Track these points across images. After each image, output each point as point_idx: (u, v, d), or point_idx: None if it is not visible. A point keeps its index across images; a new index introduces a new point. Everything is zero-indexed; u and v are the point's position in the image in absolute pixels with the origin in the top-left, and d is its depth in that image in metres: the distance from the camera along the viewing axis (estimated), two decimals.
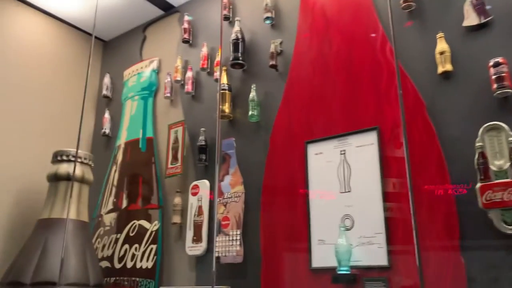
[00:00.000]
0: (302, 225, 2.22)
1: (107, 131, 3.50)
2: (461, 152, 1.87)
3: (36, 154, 3.16)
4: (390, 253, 1.91)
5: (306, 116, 2.39)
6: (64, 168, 2.77)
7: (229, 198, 2.54)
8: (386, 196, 1.99)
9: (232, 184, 2.56)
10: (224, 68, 2.77)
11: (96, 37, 3.86)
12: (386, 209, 1.98)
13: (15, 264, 2.53)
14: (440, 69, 2.00)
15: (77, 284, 2.48)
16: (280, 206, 2.34)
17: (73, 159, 2.79)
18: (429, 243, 1.82)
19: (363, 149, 2.12)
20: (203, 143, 2.77)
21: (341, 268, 1.97)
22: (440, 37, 2.03)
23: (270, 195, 2.40)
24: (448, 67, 1.98)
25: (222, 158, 2.64)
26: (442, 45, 2.01)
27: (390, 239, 1.93)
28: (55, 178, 2.75)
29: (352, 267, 1.97)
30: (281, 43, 2.62)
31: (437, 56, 2.02)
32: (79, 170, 2.79)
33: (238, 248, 2.40)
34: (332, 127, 2.26)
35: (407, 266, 1.86)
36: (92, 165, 2.94)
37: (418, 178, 1.90)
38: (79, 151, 2.85)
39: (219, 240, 2.48)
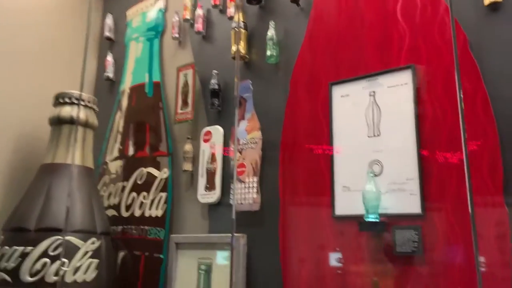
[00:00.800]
0: (325, 171, 2.07)
1: (111, 75, 3.29)
2: (511, 96, 1.69)
3: (36, 97, 2.96)
4: (424, 200, 1.77)
5: (331, 56, 2.19)
6: (67, 111, 2.59)
7: (245, 144, 2.38)
8: (421, 140, 1.83)
9: (248, 130, 2.40)
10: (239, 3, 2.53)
11: None
12: (420, 153, 1.82)
13: (17, 210, 2.41)
14: (488, 0, 1.79)
15: (83, 231, 2.37)
16: (300, 152, 2.18)
17: (76, 101, 2.62)
18: None
19: (396, 90, 1.94)
20: (216, 86, 2.58)
21: (369, 216, 1.84)
22: None
23: (290, 141, 2.23)
24: None
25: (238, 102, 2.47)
26: None
27: (424, 186, 1.79)
28: (57, 121, 2.58)
29: (381, 215, 1.84)
30: None
31: None
32: (82, 114, 2.63)
33: (255, 195, 2.27)
34: (361, 67, 2.07)
35: (443, 215, 1.72)
36: (97, 110, 2.76)
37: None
38: (82, 93, 2.68)
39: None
